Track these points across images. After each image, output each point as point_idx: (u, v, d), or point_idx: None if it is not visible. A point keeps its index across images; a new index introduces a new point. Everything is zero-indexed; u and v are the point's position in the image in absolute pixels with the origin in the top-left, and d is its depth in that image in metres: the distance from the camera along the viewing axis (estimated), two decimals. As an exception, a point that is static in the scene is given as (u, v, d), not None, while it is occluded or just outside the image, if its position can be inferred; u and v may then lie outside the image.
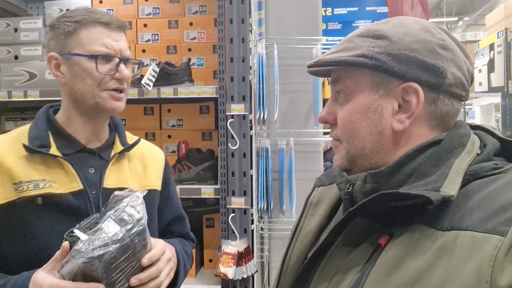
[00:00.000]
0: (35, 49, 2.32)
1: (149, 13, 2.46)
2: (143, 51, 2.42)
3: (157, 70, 2.11)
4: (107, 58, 1.16)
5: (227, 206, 2.02)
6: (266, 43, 2.31)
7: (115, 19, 1.19)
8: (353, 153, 0.79)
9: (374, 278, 0.68)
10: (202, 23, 2.42)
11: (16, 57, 2.33)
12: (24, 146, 1.12)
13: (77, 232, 0.95)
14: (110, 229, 0.95)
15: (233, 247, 1.99)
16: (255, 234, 2.14)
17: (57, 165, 1.14)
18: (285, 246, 0.95)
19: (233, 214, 2.02)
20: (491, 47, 4.99)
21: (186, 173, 2.14)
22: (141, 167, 1.29)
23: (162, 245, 1.10)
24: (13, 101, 2.20)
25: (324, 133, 2.47)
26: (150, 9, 2.46)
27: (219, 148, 2.05)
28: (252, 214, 2.06)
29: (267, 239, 2.44)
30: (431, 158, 0.74)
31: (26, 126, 1.20)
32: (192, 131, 2.39)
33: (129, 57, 1.21)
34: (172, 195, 1.40)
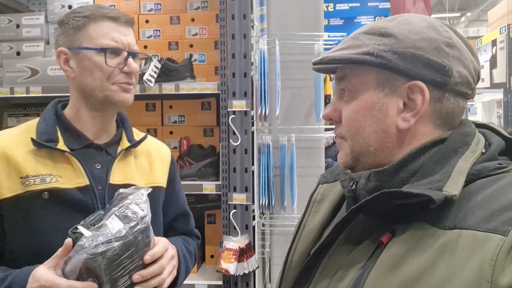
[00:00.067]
0: (37, 45, 2.32)
1: (151, 9, 2.46)
2: (145, 47, 2.42)
3: (159, 66, 2.11)
4: (116, 52, 1.17)
5: (229, 202, 2.03)
6: (268, 39, 2.31)
7: (123, 14, 1.20)
8: (358, 151, 0.79)
9: (376, 275, 0.69)
10: (204, 19, 2.41)
11: (18, 53, 2.33)
12: (32, 140, 1.13)
13: (81, 229, 0.96)
14: (114, 226, 0.95)
15: (235, 243, 2.00)
16: (257, 230, 2.15)
17: (64, 160, 1.15)
18: (287, 242, 0.95)
19: (235, 210, 2.03)
20: (494, 43, 4.97)
21: (188, 169, 2.15)
22: (147, 164, 1.30)
23: (165, 243, 1.11)
24: (15, 97, 2.20)
25: (326, 129, 2.47)
26: (152, 5, 2.45)
27: (221, 144, 2.06)
28: (254, 210, 2.07)
29: (269, 235, 2.45)
30: (435, 157, 0.74)
31: (35, 121, 1.21)
32: (194, 127, 2.39)
33: (137, 51, 1.22)
34: (178, 192, 1.40)
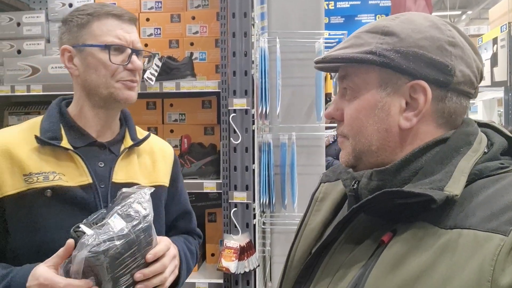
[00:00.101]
0: (38, 44, 2.32)
1: (151, 7, 2.45)
2: (146, 45, 2.41)
3: (160, 65, 2.11)
4: (120, 49, 1.17)
5: (229, 201, 2.03)
6: (269, 37, 2.30)
7: (127, 12, 1.21)
8: (359, 150, 0.79)
9: (376, 274, 0.69)
10: (205, 17, 2.41)
11: (19, 52, 2.33)
12: (36, 138, 1.13)
13: (83, 227, 0.96)
14: (116, 225, 0.96)
15: (235, 242, 2.00)
16: (257, 229, 2.15)
17: (68, 158, 1.15)
18: (287, 241, 0.95)
19: (235, 209, 2.03)
20: (495, 41, 4.96)
21: (189, 168, 2.15)
22: (150, 163, 1.30)
23: (167, 242, 1.11)
24: (16, 96, 2.20)
25: (326, 128, 2.47)
26: (153, 3, 2.45)
27: (221, 143, 2.06)
28: (254, 209, 2.07)
29: (269, 234, 2.45)
30: (437, 157, 0.74)
31: (39, 118, 1.21)
32: (195, 126, 2.39)
33: (141, 49, 1.22)
34: (180, 191, 1.40)
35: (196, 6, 2.43)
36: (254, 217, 2.07)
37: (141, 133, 1.32)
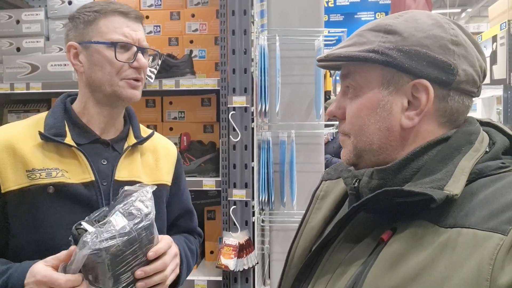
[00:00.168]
0: (37, 41, 2.32)
1: (151, 5, 2.45)
2: (145, 43, 2.41)
3: (159, 62, 2.11)
4: (126, 47, 1.17)
5: (229, 198, 2.04)
6: (268, 35, 2.30)
7: (134, 10, 1.21)
8: (361, 148, 0.79)
9: (376, 272, 0.69)
10: (204, 15, 2.41)
11: (18, 49, 2.33)
12: (40, 134, 1.13)
13: (85, 225, 0.97)
14: (118, 223, 0.96)
15: (234, 239, 2.00)
16: (256, 226, 2.15)
17: (71, 155, 1.15)
18: (286, 238, 0.96)
19: (234, 206, 2.03)
20: (494, 39, 4.96)
21: (188, 165, 2.15)
22: (153, 161, 1.30)
23: (169, 240, 1.11)
24: (16, 93, 2.20)
25: (326, 126, 2.47)
26: (152, 1, 2.44)
27: (221, 141, 2.06)
28: (253, 206, 2.07)
29: (268, 231, 2.46)
30: (438, 156, 0.74)
31: (43, 114, 1.21)
32: (194, 124, 2.40)
33: (147, 47, 1.22)
34: (182, 190, 1.40)
35: (196, 4, 2.43)
36: (253, 215, 2.08)
37: (145, 131, 1.32)
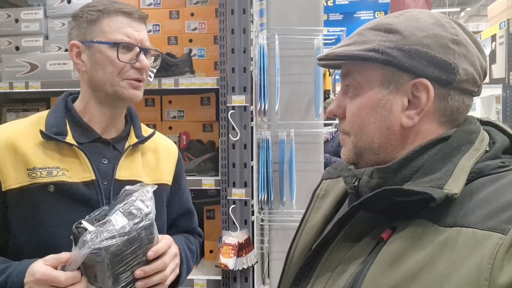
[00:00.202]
0: (36, 40, 2.32)
1: (150, 4, 2.45)
2: (144, 42, 2.41)
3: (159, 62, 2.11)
4: (128, 47, 1.17)
5: (228, 198, 2.04)
6: (267, 34, 2.30)
7: (137, 10, 1.20)
8: (361, 147, 0.79)
9: (375, 271, 0.69)
10: (203, 14, 2.41)
11: (17, 48, 2.32)
12: (41, 132, 1.13)
13: (85, 224, 0.97)
14: (118, 222, 0.96)
15: (234, 238, 2.01)
16: (256, 225, 2.15)
17: (72, 154, 1.15)
18: (285, 237, 0.96)
19: (234, 206, 2.03)
20: (493, 38, 4.96)
21: (187, 165, 2.15)
22: (154, 161, 1.30)
23: (169, 240, 1.11)
24: (15, 92, 2.20)
25: (325, 125, 2.47)
26: (151, 0, 2.44)
27: (220, 140, 2.06)
28: (253, 206, 2.07)
29: (267, 230, 2.46)
30: (438, 155, 0.74)
31: (44, 112, 1.21)
32: (193, 123, 2.40)
33: (149, 48, 1.22)
34: (183, 190, 1.40)
35: (195, 3, 2.43)
36: (253, 214, 2.08)
37: (146, 131, 1.32)
